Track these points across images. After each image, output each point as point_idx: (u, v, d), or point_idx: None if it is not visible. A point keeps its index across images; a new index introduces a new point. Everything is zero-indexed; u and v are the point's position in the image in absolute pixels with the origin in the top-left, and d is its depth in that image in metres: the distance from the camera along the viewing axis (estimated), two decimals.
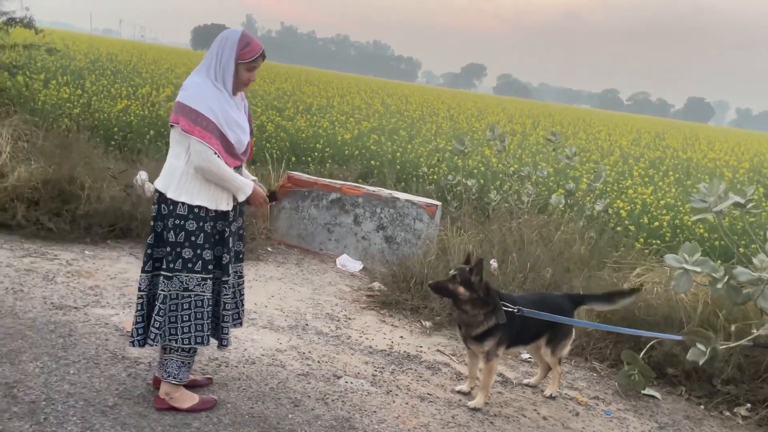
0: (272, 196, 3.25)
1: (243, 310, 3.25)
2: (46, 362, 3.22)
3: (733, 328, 3.76)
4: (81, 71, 13.24)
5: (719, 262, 3.96)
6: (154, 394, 3.07)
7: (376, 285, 5.30)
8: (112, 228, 5.44)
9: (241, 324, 3.26)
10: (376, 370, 3.79)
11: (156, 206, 2.91)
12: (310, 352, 3.90)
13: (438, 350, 4.26)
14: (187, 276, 2.86)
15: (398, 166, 8.77)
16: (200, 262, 2.86)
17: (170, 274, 2.85)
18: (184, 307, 2.88)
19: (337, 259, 5.95)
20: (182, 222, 2.83)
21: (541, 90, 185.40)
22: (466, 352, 3.64)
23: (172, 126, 2.83)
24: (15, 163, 5.69)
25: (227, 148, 2.82)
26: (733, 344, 3.59)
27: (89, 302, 4.08)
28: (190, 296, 2.87)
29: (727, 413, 3.83)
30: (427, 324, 4.66)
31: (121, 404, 2.95)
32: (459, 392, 3.61)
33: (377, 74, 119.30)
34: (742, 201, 4.46)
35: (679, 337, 3.86)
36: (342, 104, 14.75)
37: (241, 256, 3.17)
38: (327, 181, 6.38)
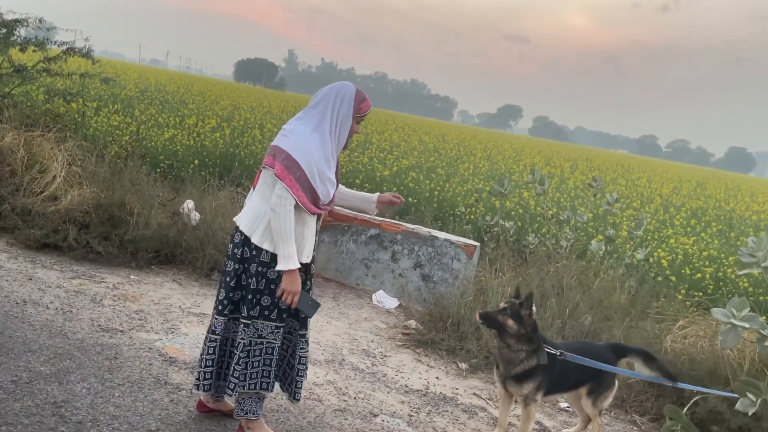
0: None
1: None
2: (93, 383, 3.30)
3: None
4: (131, 100, 13.72)
5: (765, 318, 3.88)
6: (196, 419, 3.10)
7: (413, 323, 5.29)
8: (158, 254, 5.57)
9: (306, 377, 3.16)
10: (412, 410, 3.76)
11: (237, 248, 2.88)
12: (346, 387, 3.90)
13: (474, 393, 4.22)
14: (263, 323, 2.87)
15: (436, 205, 8.81)
16: (276, 310, 2.87)
17: (248, 321, 2.85)
18: (256, 354, 2.89)
19: (373, 295, 5.97)
20: (265, 269, 2.83)
21: (578, 133, 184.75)
22: (500, 397, 3.59)
23: (265, 167, 2.84)
24: (68, 187, 5.92)
25: (313, 200, 2.82)
26: None
27: (134, 326, 4.18)
28: (262, 343, 2.89)
29: None
30: (464, 366, 4.63)
31: (164, 429, 3.00)
32: None
33: (414, 112, 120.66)
34: None
35: (726, 393, 3.75)
36: (381, 140, 14.93)
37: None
38: (367, 216, 6.45)
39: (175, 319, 4.46)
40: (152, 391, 3.35)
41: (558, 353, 3.36)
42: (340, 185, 3.24)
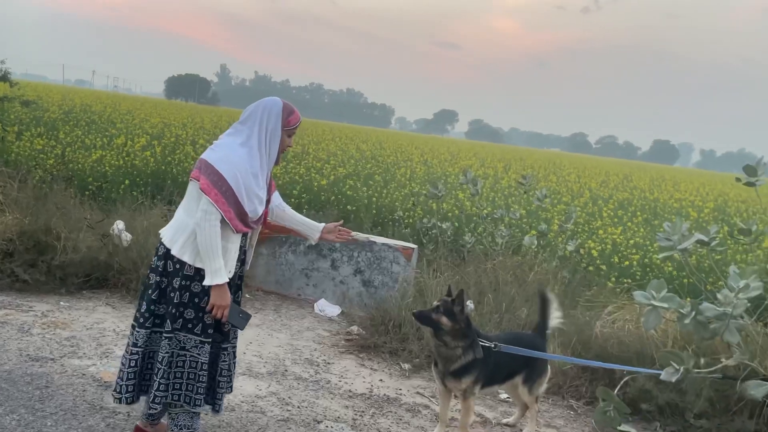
0: None
1: (233, 375, 3.16)
2: (23, 414, 3.18)
3: (702, 361, 3.87)
4: (54, 122, 13.24)
5: (688, 299, 4.12)
6: None
7: (355, 329, 5.33)
8: (88, 278, 5.41)
9: (231, 390, 3.13)
10: (356, 414, 3.80)
11: (160, 261, 2.84)
12: (290, 397, 3.90)
13: (417, 392, 4.29)
14: (186, 336, 2.83)
15: (374, 211, 8.89)
16: (201, 325, 2.83)
17: (171, 334, 2.81)
18: (179, 365, 2.84)
19: (315, 304, 5.97)
20: (188, 283, 2.78)
21: (512, 134, 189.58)
22: (439, 394, 3.67)
23: (192, 180, 2.80)
24: None
25: (240, 216, 2.78)
26: (704, 371, 3.71)
27: (66, 353, 4.05)
28: (185, 356, 2.84)
29: None
30: (406, 366, 4.70)
31: None
32: None
33: (351, 121, 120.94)
34: (706, 239, 4.67)
35: (653, 371, 3.96)
36: (318, 151, 14.94)
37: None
38: None
39: (110, 343, 4.34)
40: (87, 417, 3.26)
41: (493, 346, 3.47)
42: (287, 207, 3.28)
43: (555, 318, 3.94)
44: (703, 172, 57.54)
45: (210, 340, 2.86)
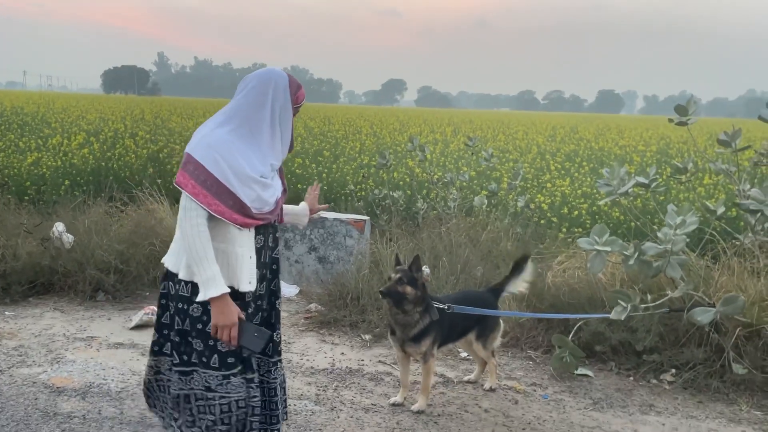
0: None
1: (285, 409, 2.76)
2: None
3: (649, 297, 4.00)
4: None
5: (634, 241, 4.23)
6: None
7: (313, 306, 5.32)
8: (33, 284, 5.24)
9: (286, 417, 2.74)
10: (319, 389, 3.81)
11: (161, 282, 2.50)
12: None
13: (380, 361, 4.32)
14: (205, 372, 2.36)
15: (325, 187, 8.82)
16: (216, 355, 2.35)
17: (186, 369, 2.39)
18: (210, 410, 2.37)
19: None
20: (185, 306, 2.36)
21: (461, 98, 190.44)
22: (399, 360, 3.69)
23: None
24: None
25: (237, 207, 2.28)
26: (651, 304, 3.85)
27: (14, 363, 3.92)
28: (214, 398, 2.37)
29: (654, 381, 4.06)
30: (367, 337, 4.72)
31: None
32: (393, 405, 3.62)
33: None
34: (645, 181, 4.79)
35: (603, 315, 4.08)
36: None
37: (279, 347, 2.72)
38: None
39: (60, 348, 4.23)
40: (41, 426, 3.17)
41: (446, 307, 3.51)
42: None
43: (520, 285, 4.00)
44: (648, 118, 59.04)
45: (236, 371, 2.38)
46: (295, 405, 3.56)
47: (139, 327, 4.69)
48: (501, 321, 3.93)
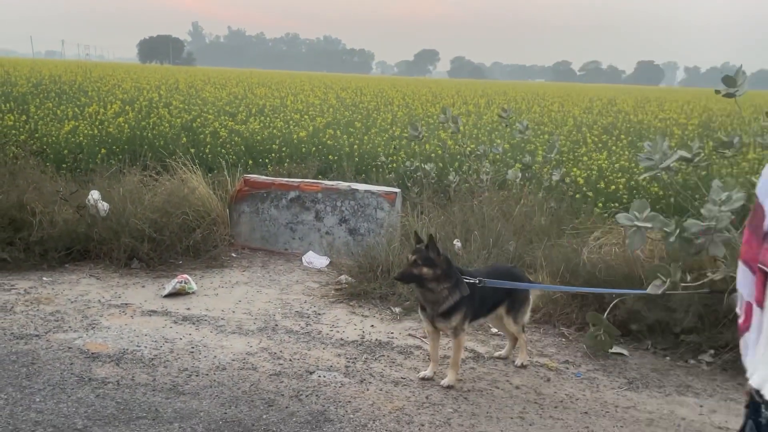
0: None
1: None
2: (11, 393, 3.16)
3: (689, 277, 3.87)
4: (24, 96, 12.87)
5: (675, 217, 4.08)
6: (125, 410, 3.03)
7: (344, 278, 5.30)
8: (69, 251, 5.33)
9: None
10: (348, 361, 3.80)
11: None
12: (281, 351, 3.90)
13: (410, 334, 4.30)
14: None
15: (357, 159, 8.76)
16: None
17: None
18: None
19: (302, 257, 5.93)
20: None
21: (494, 69, 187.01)
22: (429, 335, 3.66)
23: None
24: None
25: None
26: (692, 284, 3.72)
27: (50, 328, 4.01)
28: None
29: (692, 361, 3.95)
30: (397, 310, 4.70)
31: (91, 425, 2.92)
32: (423, 379, 3.58)
33: (331, 69, 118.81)
34: (689, 155, 4.61)
35: (640, 291, 3.96)
36: (296, 103, 14.64)
37: None
38: (284, 180, 6.35)
39: (95, 314, 4.30)
40: (76, 390, 3.24)
41: (477, 281, 3.45)
42: None
43: None
44: (689, 90, 57.08)
45: None
46: (324, 376, 3.57)
47: (172, 295, 4.74)
48: (530, 295, 3.86)
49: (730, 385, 3.67)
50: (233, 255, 5.93)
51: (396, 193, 6.03)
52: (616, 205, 7.08)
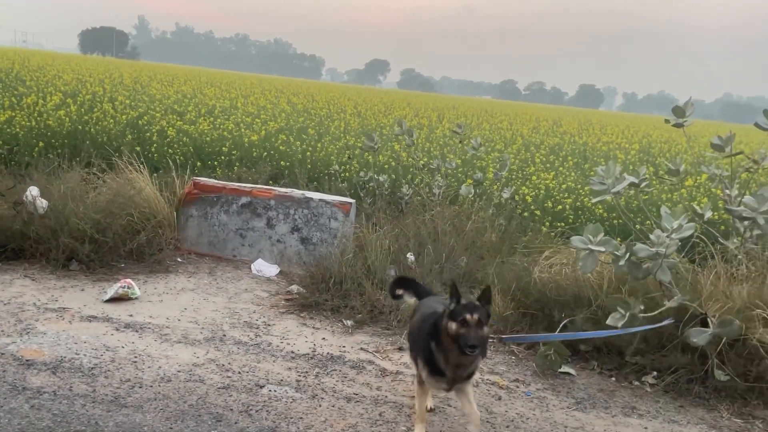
0: None
1: None
2: None
3: (639, 309, 3.95)
4: None
5: (619, 239, 4.20)
6: (62, 423, 2.85)
7: (295, 288, 5.21)
8: (3, 249, 5.03)
9: None
10: (299, 375, 3.71)
11: None
12: (229, 363, 3.77)
13: (361, 348, 4.24)
14: None
15: (309, 166, 8.66)
16: None
17: None
18: None
19: (251, 265, 5.79)
20: None
21: (444, 83, 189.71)
22: (421, 395, 3.11)
23: None
24: None
25: None
26: (649, 315, 3.82)
27: None
28: None
29: (636, 383, 4.06)
30: (349, 323, 4.63)
31: None
32: None
33: (280, 73, 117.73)
34: (637, 181, 4.76)
35: (610, 333, 3.91)
36: (246, 105, 14.40)
37: None
38: (236, 185, 6.20)
39: (30, 318, 4.06)
40: (9, 400, 3.03)
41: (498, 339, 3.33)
42: None
43: None
44: (627, 115, 59.52)
45: None
46: (275, 391, 3.47)
47: (113, 300, 4.53)
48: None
49: (672, 407, 3.78)
50: (179, 260, 5.73)
51: (351, 203, 5.98)
52: (563, 224, 7.27)
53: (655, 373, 4.08)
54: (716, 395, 3.86)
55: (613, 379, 4.11)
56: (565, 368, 4.16)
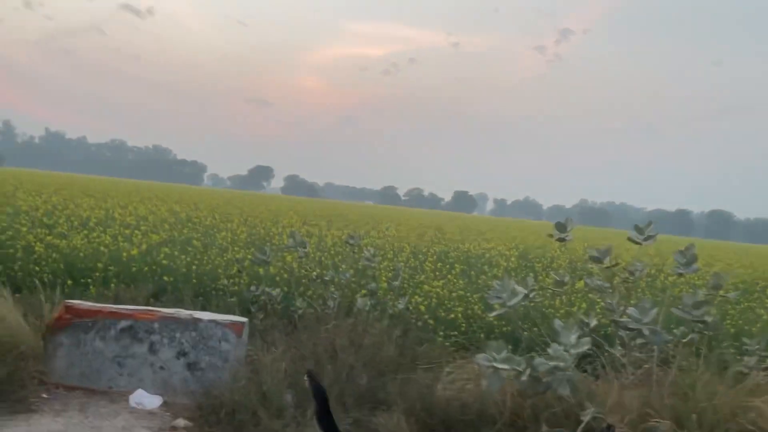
0: None
1: None
2: None
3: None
4: None
5: (509, 347, 4.24)
6: None
7: (181, 422, 4.73)
8: None
9: None
10: None
11: None
12: None
13: None
14: None
15: (195, 280, 8.23)
16: None
17: None
18: None
19: (130, 397, 5.22)
20: None
21: (328, 189, 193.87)
22: None
23: None
24: None
25: None
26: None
27: None
28: None
29: None
30: None
31: None
32: None
33: (160, 179, 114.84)
34: (526, 292, 4.93)
35: None
36: (124, 215, 13.69)
37: None
38: (115, 307, 5.69)
39: None
40: None
41: None
42: None
43: None
44: (498, 219, 63.59)
45: None
46: None
47: None
48: None
49: None
50: (44, 396, 5.05)
51: (244, 323, 5.67)
52: (456, 333, 7.34)
53: None
54: None
55: None
56: None
